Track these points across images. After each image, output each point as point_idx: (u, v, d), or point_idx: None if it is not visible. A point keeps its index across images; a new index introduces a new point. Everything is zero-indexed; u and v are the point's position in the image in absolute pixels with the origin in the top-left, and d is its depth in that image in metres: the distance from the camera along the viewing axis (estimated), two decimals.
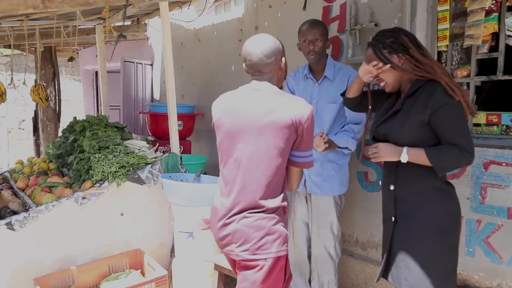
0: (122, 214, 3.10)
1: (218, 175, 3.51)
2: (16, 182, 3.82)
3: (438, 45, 2.70)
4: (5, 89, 4.03)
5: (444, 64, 2.77)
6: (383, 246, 2.06)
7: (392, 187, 1.98)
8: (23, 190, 3.54)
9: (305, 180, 2.77)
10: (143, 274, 2.94)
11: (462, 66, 2.67)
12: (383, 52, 1.94)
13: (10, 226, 2.67)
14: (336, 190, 2.76)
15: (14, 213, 2.92)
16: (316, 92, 2.75)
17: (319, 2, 3.40)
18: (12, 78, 4.25)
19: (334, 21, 3.29)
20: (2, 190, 3.60)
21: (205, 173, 3.52)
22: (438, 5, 2.66)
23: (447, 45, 2.67)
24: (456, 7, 2.63)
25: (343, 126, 2.75)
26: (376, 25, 2.89)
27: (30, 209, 2.84)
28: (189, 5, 4.34)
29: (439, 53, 2.77)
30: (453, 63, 2.71)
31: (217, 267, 2.69)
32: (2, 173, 4.48)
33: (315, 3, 3.44)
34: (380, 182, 2.08)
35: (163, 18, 3.28)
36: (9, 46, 5.50)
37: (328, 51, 2.88)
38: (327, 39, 2.70)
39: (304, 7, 3.51)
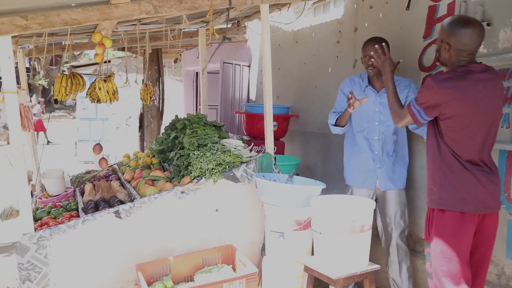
0: (217, 210, 3.22)
1: (310, 177, 3.51)
2: (123, 174, 4.13)
3: None
4: (116, 88, 4.39)
5: None
6: None
7: None
8: (129, 182, 3.82)
9: None
10: (234, 269, 3.02)
11: None
12: None
13: (117, 214, 2.90)
14: None
15: (121, 202, 3.16)
16: (378, 101, 3.12)
17: (424, 2, 3.23)
18: (127, 78, 4.63)
19: (440, 21, 3.10)
20: (112, 180, 3.93)
21: (297, 174, 3.52)
22: None
23: None
24: None
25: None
26: (488, 24, 2.67)
27: (135, 200, 3.06)
28: (289, 7, 4.38)
29: None
30: None
31: (307, 269, 2.68)
32: (112, 165, 4.88)
33: (419, 2, 3.28)
34: None
35: (263, 20, 3.33)
36: (122, 49, 5.99)
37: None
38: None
39: (408, 7, 3.36)
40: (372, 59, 2.87)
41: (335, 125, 3.27)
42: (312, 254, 2.76)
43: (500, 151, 2.68)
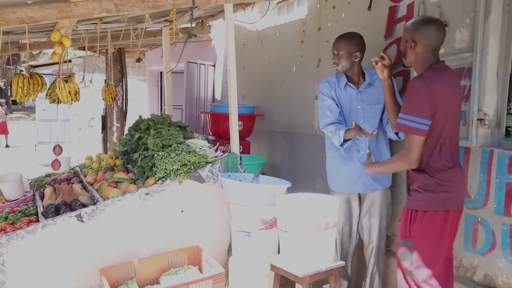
0: (182, 211, 3.19)
1: (276, 176, 3.53)
2: (85, 176, 4.03)
3: None
4: (79, 88, 4.27)
5: None
6: None
7: None
8: (91, 184, 3.73)
9: None
10: (200, 270, 3.00)
11: None
12: None
13: (79, 218, 2.82)
14: None
15: (84, 206, 3.08)
16: (360, 98, 3.05)
17: (385, 2, 3.31)
18: (83, 77, 4.50)
19: (400, 21, 3.19)
20: (73, 183, 3.82)
21: (263, 174, 3.54)
22: None
23: None
24: None
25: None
26: (446, 25, 2.76)
27: (97, 203, 2.99)
28: (253, 7, 4.38)
29: None
30: None
31: (273, 267, 2.69)
32: (74, 167, 4.75)
33: (380, 3, 3.36)
34: None
35: (227, 19, 3.33)
36: (83, 48, 5.84)
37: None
38: (355, 51, 2.98)
39: (369, 8, 3.43)
40: (335, 59, 3.02)
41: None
42: (279, 252, 2.78)
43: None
